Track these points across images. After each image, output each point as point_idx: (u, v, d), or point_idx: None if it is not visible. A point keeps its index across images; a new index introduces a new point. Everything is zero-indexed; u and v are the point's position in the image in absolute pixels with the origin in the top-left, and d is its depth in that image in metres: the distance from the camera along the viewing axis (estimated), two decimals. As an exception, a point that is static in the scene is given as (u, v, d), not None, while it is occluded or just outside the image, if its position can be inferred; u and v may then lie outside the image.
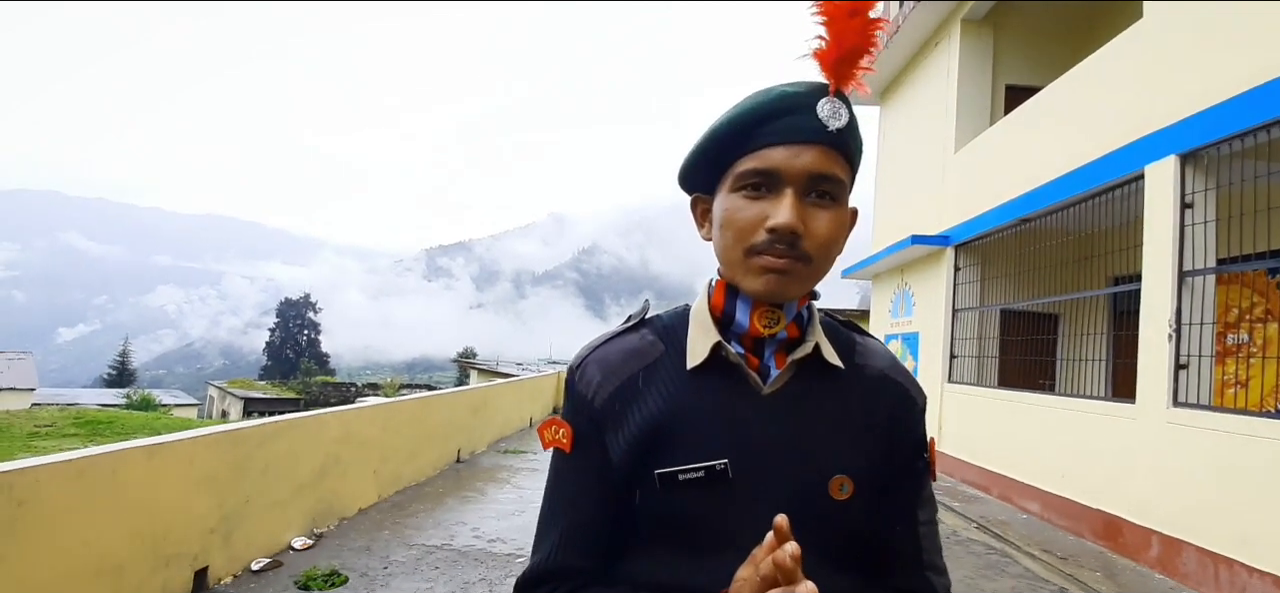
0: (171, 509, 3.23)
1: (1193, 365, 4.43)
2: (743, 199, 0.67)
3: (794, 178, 0.65)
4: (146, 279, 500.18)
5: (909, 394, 0.78)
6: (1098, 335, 6.02)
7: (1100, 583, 4.31)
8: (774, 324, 0.70)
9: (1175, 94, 4.64)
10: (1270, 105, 3.85)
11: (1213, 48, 4.40)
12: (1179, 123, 4.56)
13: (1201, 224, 4.46)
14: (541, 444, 0.78)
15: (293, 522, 4.25)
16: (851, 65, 0.65)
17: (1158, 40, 4.96)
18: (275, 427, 4.14)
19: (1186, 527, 4.29)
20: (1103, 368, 5.77)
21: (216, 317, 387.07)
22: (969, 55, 8.05)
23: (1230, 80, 4.16)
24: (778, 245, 0.65)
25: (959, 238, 7.79)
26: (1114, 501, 4.98)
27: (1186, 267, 4.50)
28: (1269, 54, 3.90)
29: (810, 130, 0.65)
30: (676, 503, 0.68)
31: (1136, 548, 4.70)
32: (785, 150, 0.65)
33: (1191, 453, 4.30)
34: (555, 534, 0.74)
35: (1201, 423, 4.25)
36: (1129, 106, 5.13)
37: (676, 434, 0.69)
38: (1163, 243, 4.66)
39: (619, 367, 0.74)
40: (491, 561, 4.19)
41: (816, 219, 0.66)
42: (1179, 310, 4.50)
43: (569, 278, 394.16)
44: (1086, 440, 5.34)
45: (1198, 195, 4.50)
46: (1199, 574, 4.15)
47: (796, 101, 0.65)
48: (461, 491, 5.99)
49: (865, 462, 0.71)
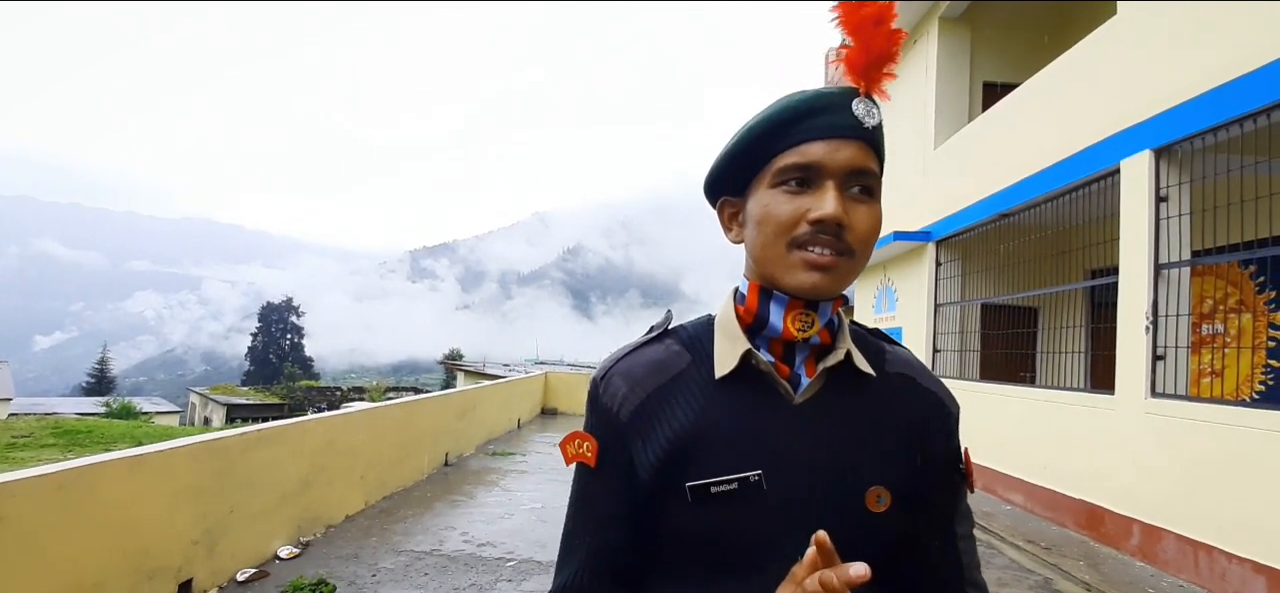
0: (153, 522, 3.18)
1: (1170, 356, 4.52)
2: (783, 194, 0.67)
3: (835, 171, 0.65)
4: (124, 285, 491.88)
5: (943, 403, 0.76)
6: (1076, 328, 6.12)
7: (1083, 572, 4.38)
8: (808, 327, 0.68)
9: (1149, 90, 4.72)
10: (1242, 99, 3.94)
11: (1185, 44, 4.48)
12: (1153, 118, 4.65)
13: (1176, 217, 4.55)
14: (564, 460, 0.75)
15: (278, 531, 4.20)
16: (879, 70, 0.67)
17: (1131, 37, 5.04)
18: (259, 435, 4.09)
19: (1166, 515, 4.38)
20: (1082, 360, 5.87)
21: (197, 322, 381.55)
22: (947, 53, 8.14)
23: (1203, 75, 4.24)
24: (822, 236, 0.64)
25: (940, 233, 7.88)
26: (1095, 491, 5.07)
27: (1162, 259, 4.59)
28: (1240, 49, 3.98)
29: (848, 126, 0.66)
30: (708, 518, 0.65)
31: (1118, 537, 4.79)
32: (825, 145, 0.65)
33: (1170, 443, 4.39)
34: (579, 557, 0.72)
35: (1179, 413, 4.33)
36: (1104, 102, 5.22)
37: (706, 447, 0.67)
38: (1139, 236, 4.74)
39: (644, 378, 0.72)
40: (481, 565, 4.18)
41: (857, 212, 0.66)
42: (1156, 302, 4.59)
43: (555, 278, 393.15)
44: (1067, 432, 5.43)
45: (1172, 189, 4.59)
46: (1179, 561, 4.23)
47: (833, 100, 0.67)
48: (450, 495, 5.96)
49: (902, 473, 0.69)
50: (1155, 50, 4.77)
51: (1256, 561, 3.70)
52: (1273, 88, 3.74)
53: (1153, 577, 4.28)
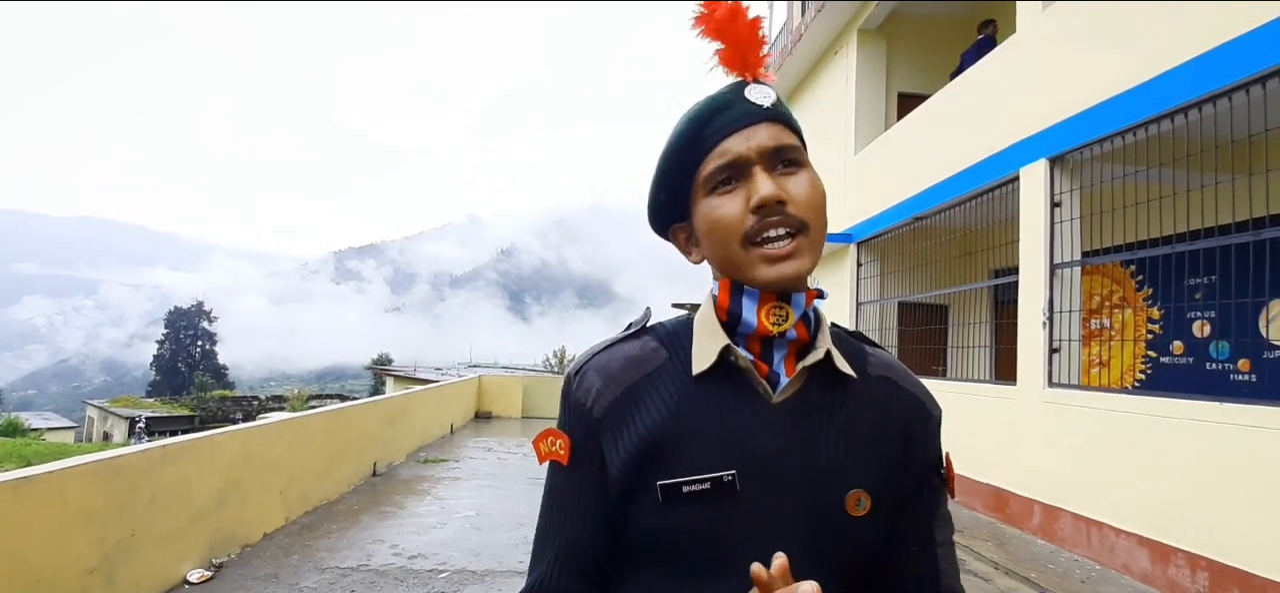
0: (43, 550, 2.93)
1: (1064, 349, 4.90)
2: (719, 197, 0.67)
3: (757, 156, 0.65)
4: (8, 290, 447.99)
5: (925, 406, 0.75)
6: (982, 324, 6.55)
7: (992, 552, 4.69)
8: (783, 320, 0.67)
9: (1044, 102, 5.11)
10: (1123, 113, 4.33)
11: (1077, 60, 4.88)
12: (1047, 129, 5.03)
13: (1068, 221, 4.94)
14: (537, 457, 0.73)
15: (187, 554, 3.95)
16: (754, 56, 0.68)
17: (1029, 52, 5.44)
18: (163, 452, 3.83)
19: (1062, 496, 4.75)
20: (987, 354, 6.28)
21: (95, 329, 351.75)
22: (865, 63, 8.53)
23: (1091, 91, 4.63)
24: (770, 220, 0.64)
25: (860, 235, 8.25)
26: (1001, 475, 5.44)
27: (1057, 260, 4.97)
28: (1124, 67, 4.36)
29: (749, 113, 0.66)
30: (678, 518, 0.64)
31: (1021, 518, 5.16)
32: (737, 137, 0.66)
33: (1064, 428, 4.76)
34: (551, 554, 0.71)
35: (1072, 401, 4.71)
36: (1006, 114, 5.61)
37: (680, 445, 0.65)
38: (1036, 238, 5.12)
39: (620, 374, 0.70)
40: (412, 579, 4.06)
41: (794, 184, 0.66)
42: (1051, 300, 4.97)
43: (489, 279, 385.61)
44: (976, 421, 5.80)
45: (1065, 195, 4.98)
46: (1074, 537, 4.60)
47: (726, 97, 0.68)
48: (378, 506, 5.76)
49: (882, 477, 0.67)
50: (1050, 65, 5.16)
51: (1140, 534, 4.07)
52: (1150, 104, 4.13)
53: (1052, 553, 4.64)
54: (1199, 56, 3.79)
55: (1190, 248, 4.03)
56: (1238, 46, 3.57)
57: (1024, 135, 5.29)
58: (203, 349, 68.15)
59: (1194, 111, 3.90)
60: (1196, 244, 3.99)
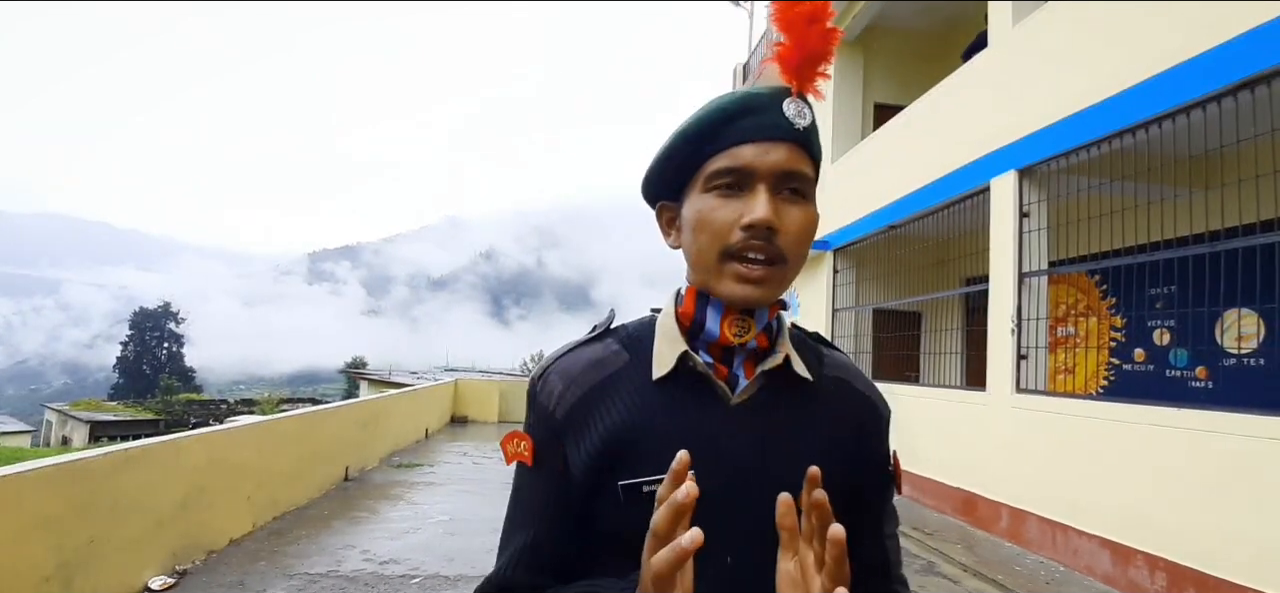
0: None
1: (1031, 356, 5.01)
2: (715, 199, 0.66)
3: (765, 174, 0.64)
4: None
5: (876, 406, 0.78)
6: (954, 331, 6.67)
7: (961, 555, 4.77)
8: (744, 333, 0.68)
9: (1014, 115, 5.24)
10: (1089, 128, 4.45)
11: (1045, 75, 5.01)
12: (1017, 142, 5.15)
13: (1036, 232, 5.06)
14: (505, 458, 0.75)
15: (149, 561, 3.85)
16: (813, 69, 0.66)
17: (1000, 66, 5.57)
18: (125, 456, 3.73)
19: (1029, 499, 4.85)
20: (959, 360, 6.40)
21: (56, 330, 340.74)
22: (842, 74, 8.66)
23: (1058, 105, 4.76)
24: (754, 241, 0.64)
25: (836, 243, 8.35)
26: (970, 479, 5.54)
27: (1025, 268, 5.09)
28: (1090, 83, 4.49)
29: (778, 128, 0.65)
30: (640, 517, 0.62)
31: (989, 521, 5.25)
32: (756, 147, 0.65)
33: (1031, 433, 4.87)
34: (512, 550, 0.72)
35: (1039, 406, 4.82)
36: (977, 126, 5.73)
37: (640, 446, 0.67)
38: (1005, 248, 5.24)
39: (581, 376, 0.71)
40: (383, 584, 4.00)
41: (790, 216, 0.65)
42: (1020, 307, 5.08)
43: (469, 282, 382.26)
44: (947, 426, 5.90)
45: (1033, 206, 5.11)
46: (1040, 540, 4.70)
47: (763, 101, 0.66)
48: (350, 511, 5.66)
49: (836, 475, 0.67)
50: (1020, 80, 5.29)
51: (1102, 536, 4.17)
52: (1114, 119, 4.26)
53: (1019, 556, 4.73)
54: (1159, 74, 3.92)
55: (1151, 259, 4.16)
56: (1197, 65, 3.70)
57: (994, 147, 5.42)
58: (169, 351, 66.39)
59: (1155, 127, 4.03)
60: (1157, 255, 4.12)
